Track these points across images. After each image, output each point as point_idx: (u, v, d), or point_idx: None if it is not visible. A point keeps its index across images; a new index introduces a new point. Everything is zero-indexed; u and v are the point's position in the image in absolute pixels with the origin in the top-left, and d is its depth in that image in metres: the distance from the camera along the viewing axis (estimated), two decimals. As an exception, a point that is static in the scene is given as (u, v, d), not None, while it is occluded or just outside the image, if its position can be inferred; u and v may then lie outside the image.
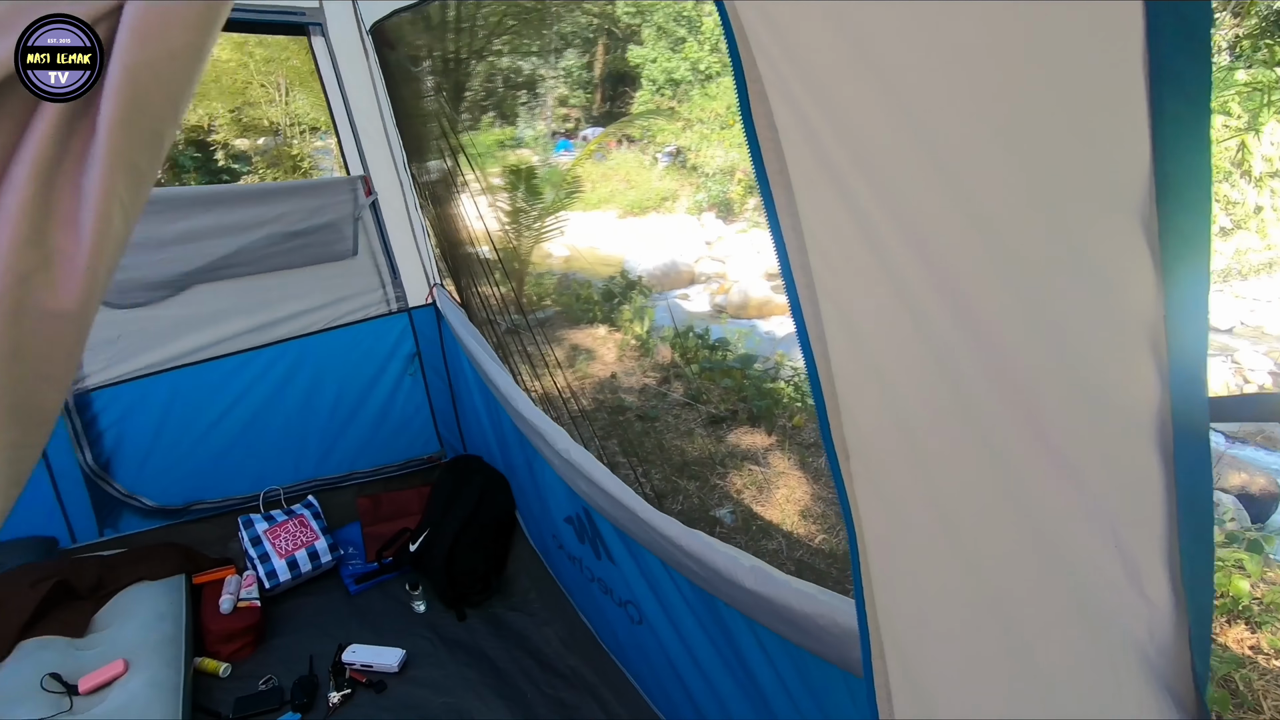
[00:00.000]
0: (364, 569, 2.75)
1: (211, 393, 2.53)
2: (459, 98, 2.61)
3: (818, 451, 3.80)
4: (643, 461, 3.55)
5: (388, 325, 2.81)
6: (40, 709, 1.86)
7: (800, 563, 2.83)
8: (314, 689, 2.21)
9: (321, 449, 2.84)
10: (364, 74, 2.42)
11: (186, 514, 2.63)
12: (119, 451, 2.46)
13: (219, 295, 2.46)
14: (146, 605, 2.24)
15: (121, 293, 2.29)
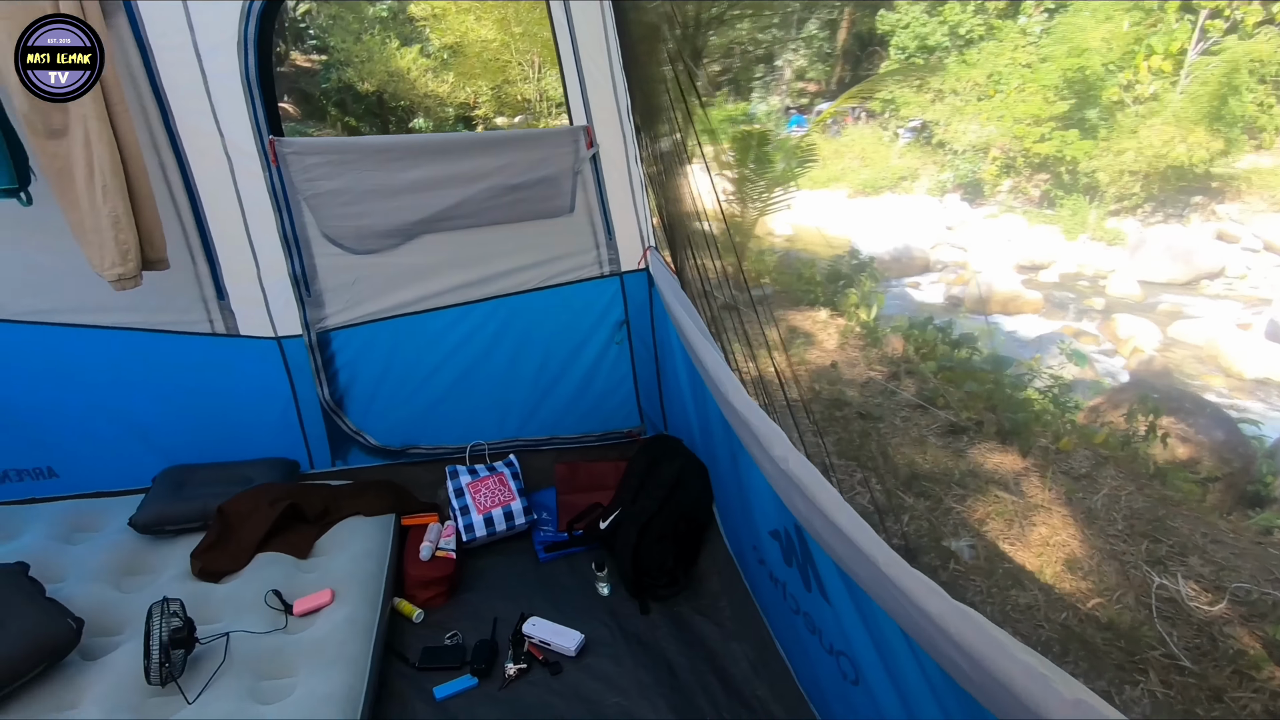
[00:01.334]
0: (554, 538, 2.67)
1: (430, 343, 2.58)
2: (695, 62, 2.34)
3: (1092, 485, 3.02)
4: (862, 467, 3.07)
5: (598, 289, 2.67)
6: (262, 622, 1.99)
7: (1065, 629, 2.21)
8: (493, 656, 2.15)
9: (525, 410, 2.80)
10: (596, 16, 2.24)
11: (403, 456, 2.74)
12: (351, 390, 2.61)
13: (440, 247, 2.48)
14: (358, 540, 2.34)
15: (359, 239, 2.38)
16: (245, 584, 2.12)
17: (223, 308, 2.38)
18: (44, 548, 2.16)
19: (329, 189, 2.27)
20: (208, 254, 2.30)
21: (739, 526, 2.04)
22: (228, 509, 2.28)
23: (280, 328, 2.44)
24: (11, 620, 1.77)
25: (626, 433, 2.96)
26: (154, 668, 1.73)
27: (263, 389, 2.50)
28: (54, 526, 2.27)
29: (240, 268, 2.34)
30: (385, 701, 1.99)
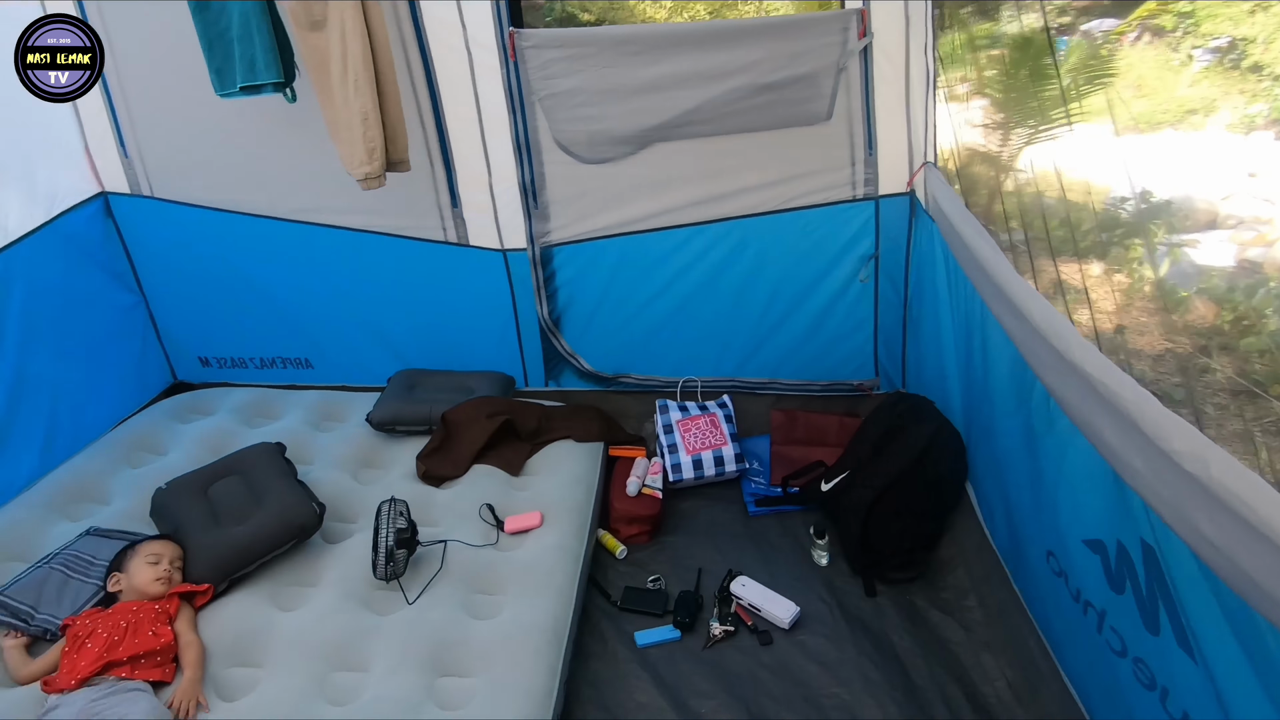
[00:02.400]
0: (766, 491, 2.41)
1: (654, 265, 2.38)
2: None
3: None
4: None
5: (848, 215, 2.27)
6: (476, 534, 1.98)
7: None
8: (697, 610, 1.98)
9: (746, 348, 2.53)
10: None
11: (614, 383, 2.62)
12: (569, 310, 2.50)
13: (675, 158, 2.22)
14: (568, 465, 2.26)
15: (591, 145, 2.20)
16: (462, 493, 2.13)
17: (455, 216, 2.35)
18: (298, 432, 2.34)
19: (564, 88, 2.09)
20: (445, 159, 2.26)
21: (1021, 519, 1.62)
22: (450, 417, 2.30)
23: (507, 240, 2.37)
24: (271, 497, 1.90)
25: (856, 385, 2.57)
26: (380, 564, 1.77)
27: (487, 302, 2.48)
28: (307, 413, 2.46)
29: (473, 174, 2.27)
30: (586, 635, 1.91)
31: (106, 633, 1.53)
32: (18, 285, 2.08)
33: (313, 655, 1.61)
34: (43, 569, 1.72)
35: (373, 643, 1.65)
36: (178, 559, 1.74)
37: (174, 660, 1.57)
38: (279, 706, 1.49)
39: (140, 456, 2.24)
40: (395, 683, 1.55)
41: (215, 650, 1.61)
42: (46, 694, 1.46)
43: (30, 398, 2.12)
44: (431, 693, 1.55)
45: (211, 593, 1.72)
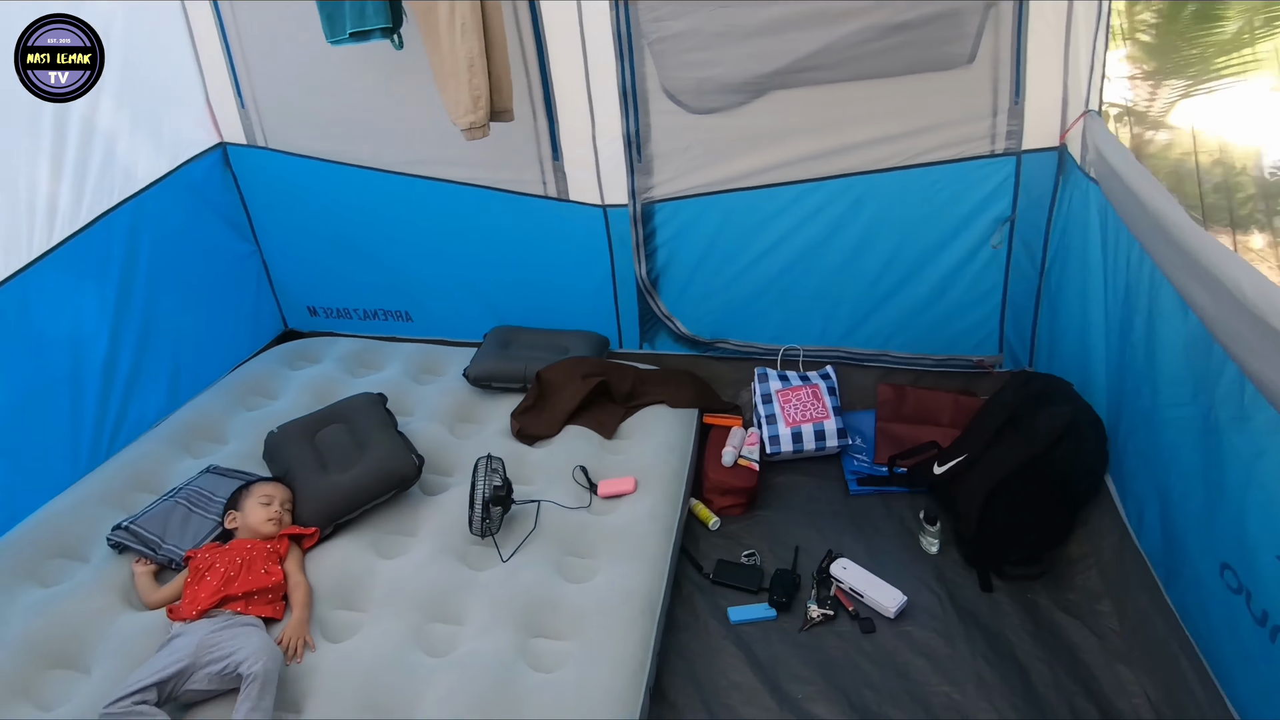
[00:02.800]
0: (870, 470, 2.27)
1: (760, 224, 2.23)
2: None
3: None
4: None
5: (983, 172, 2.04)
6: (569, 496, 1.95)
7: None
8: (794, 589, 1.88)
9: (854, 317, 2.36)
10: None
11: (710, 349, 2.52)
12: (668, 270, 2.40)
13: (790, 108, 2.05)
14: (662, 430, 2.19)
15: (700, 94, 2.06)
16: (555, 453, 2.10)
17: (556, 169, 2.28)
18: (398, 383, 2.37)
19: (675, 31, 1.96)
20: (548, 109, 2.18)
21: (1186, 523, 1.42)
22: (545, 376, 2.27)
23: (608, 195, 2.28)
24: (372, 447, 1.92)
25: (977, 361, 2.36)
26: (475, 520, 1.76)
27: (585, 259, 2.41)
28: (407, 365, 2.49)
29: (576, 125, 2.19)
30: (677, 606, 1.85)
31: (224, 567, 1.59)
32: (145, 232, 2.17)
33: (411, 605, 1.63)
34: (168, 502, 1.82)
35: (467, 597, 1.66)
36: (288, 501, 1.79)
37: (284, 599, 1.62)
38: (380, 652, 1.52)
39: (254, 400, 2.33)
40: (489, 639, 1.55)
41: (321, 592, 1.66)
42: (171, 620, 1.54)
43: (157, 340, 2.23)
44: (524, 653, 1.54)
45: (318, 536, 1.77)
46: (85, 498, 1.88)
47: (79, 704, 1.42)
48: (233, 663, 1.39)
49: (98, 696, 1.40)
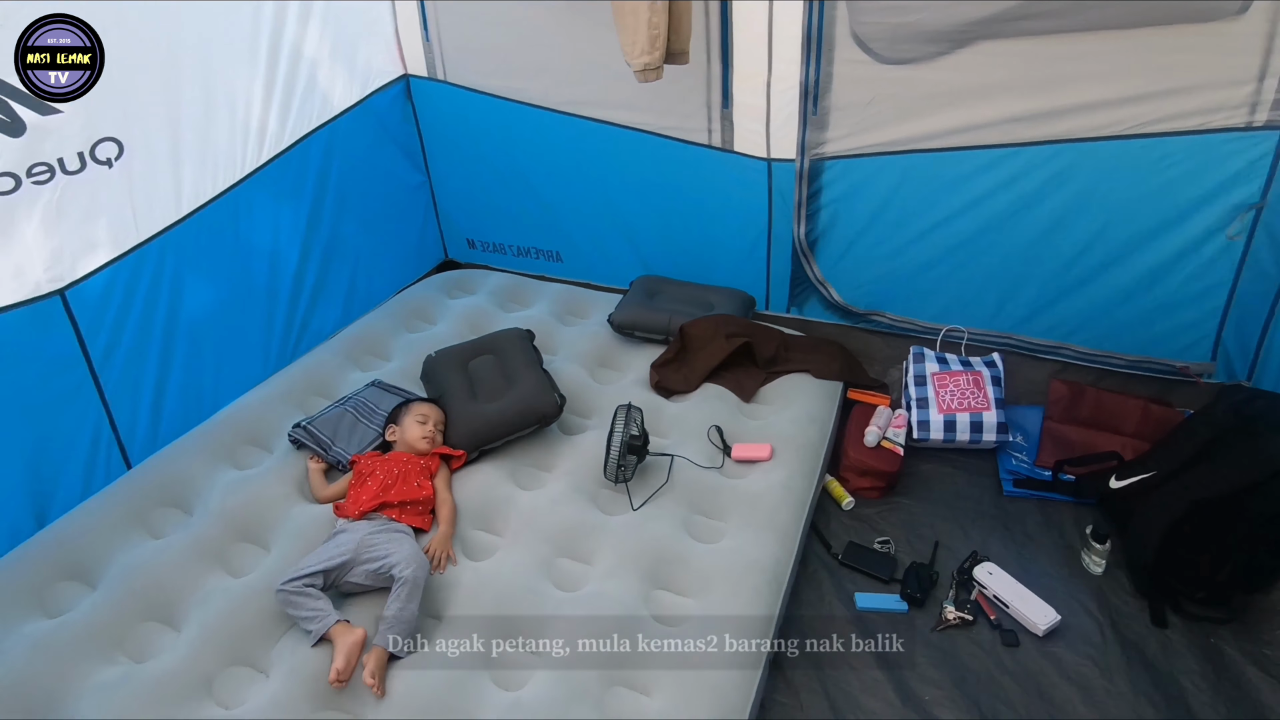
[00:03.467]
0: (1030, 472, 2.07)
1: (942, 191, 2.04)
2: None
3: None
4: None
5: (1231, 147, 1.72)
6: (702, 455, 1.93)
7: None
8: (930, 586, 1.77)
9: (1036, 303, 2.12)
10: None
11: (864, 320, 2.37)
12: (828, 234, 2.27)
13: (998, 61, 1.82)
14: (803, 400, 2.11)
15: (894, 41, 1.87)
16: (692, 410, 2.08)
17: (724, 117, 2.19)
18: (545, 322, 2.43)
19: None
20: (724, 53, 2.08)
21: None
22: (688, 331, 2.24)
23: (774, 148, 2.17)
24: (520, 381, 1.99)
25: (1180, 368, 2.06)
26: (611, 465, 1.79)
27: (741, 214, 2.32)
28: (554, 305, 2.55)
29: (751, 72, 2.07)
30: (802, 581, 1.80)
31: (383, 475, 1.73)
32: (336, 157, 2.33)
33: (543, 537, 1.69)
34: (339, 409, 1.98)
35: (597, 539, 1.70)
36: (441, 422, 1.90)
37: (431, 512, 1.74)
38: (513, 577, 1.59)
39: (415, 323, 2.48)
40: (615, 583, 1.58)
41: (464, 512, 1.76)
42: (336, 517, 1.69)
43: (338, 258, 2.42)
44: (647, 602, 1.56)
45: (465, 459, 1.87)
46: (271, 395, 2.09)
47: (259, 575, 1.61)
48: (387, 564, 1.51)
49: (274, 572, 1.58)
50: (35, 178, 1.54)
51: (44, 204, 1.57)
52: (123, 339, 1.82)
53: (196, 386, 2.03)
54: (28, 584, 1.55)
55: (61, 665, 1.40)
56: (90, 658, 1.43)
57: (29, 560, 1.61)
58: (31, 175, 1.53)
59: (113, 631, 1.48)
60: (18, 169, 1.51)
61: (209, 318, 2.03)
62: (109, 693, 1.37)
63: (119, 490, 1.78)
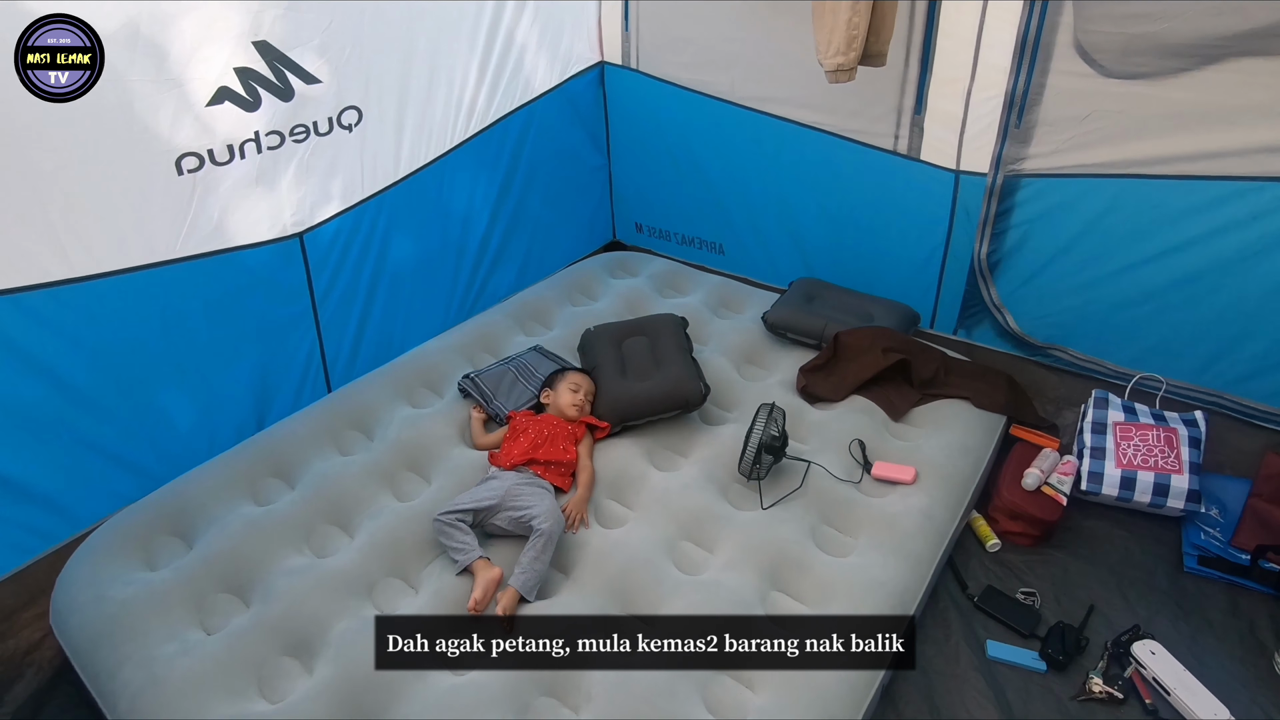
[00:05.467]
0: (1222, 551, 1.82)
1: (1160, 222, 1.82)
2: None
3: None
4: None
5: None
6: (840, 466, 1.89)
7: None
8: (1076, 651, 1.63)
9: (1262, 361, 1.85)
10: None
11: (1041, 353, 2.19)
12: (1014, 256, 2.11)
13: (1255, 81, 1.59)
14: (958, 429, 2.00)
15: (1126, 54, 1.69)
16: (836, 419, 2.04)
17: (914, 123, 2.10)
18: (699, 311, 2.48)
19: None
20: (925, 55, 1.99)
21: None
22: (843, 339, 2.19)
23: (965, 160, 2.05)
24: (668, 365, 2.06)
25: None
26: (746, 462, 1.80)
27: (918, 225, 2.22)
28: (709, 296, 2.58)
29: (952, 77, 1.97)
30: (929, 617, 1.72)
31: (534, 433, 1.87)
32: (531, 135, 2.52)
33: (671, 517, 1.75)
34: (502, 367, 2.16)
35: (722, 530, 1.73)
36: (591, 393, 2.01)
37: (572, 475, 1.85)
38: (639, 550, 1.66)
39: (578, 298, 2.63)
40: (734, 575, 1.60)
41: (601, 480, 1.86)
42: (490, 465, 1.86)
43: (521, 227, 2.61)
44: (764, 601, 1.57)
45: (608, 431, 1.97)
46: (448, 346, 2.32)
47: (420, 503, 1.81)
48: (528, 515, 1.64)
49: (433, 502, 1.76)
50: (295, 136, 1.83)
51: (299, 159, 1.85)
52: (340, 279, 2.10)
53: (389, 328, 2.29)
54: (245, 476, 1.85)
55: (264, 546, 1.67)
56: (284, 545, 1.68)
57: (247, 457, 1.91)
58: (293, 134, 1.82)
59: (302, 527, 1.73)
60: (283, 128, 1.80)
61: (408, 269, 2.29)
62: (294, 577, 1.61)
63: (320, 409, 2.06)
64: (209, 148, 1.69)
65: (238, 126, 1.71)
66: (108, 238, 1.62)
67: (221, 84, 1.64)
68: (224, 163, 1.72)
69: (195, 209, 1.72)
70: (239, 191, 1.78)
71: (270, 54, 1.70)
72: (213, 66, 1.62)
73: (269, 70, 1.71)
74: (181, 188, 1.68)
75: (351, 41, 1.86)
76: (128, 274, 1.67)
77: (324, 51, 1.78)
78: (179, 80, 1.58)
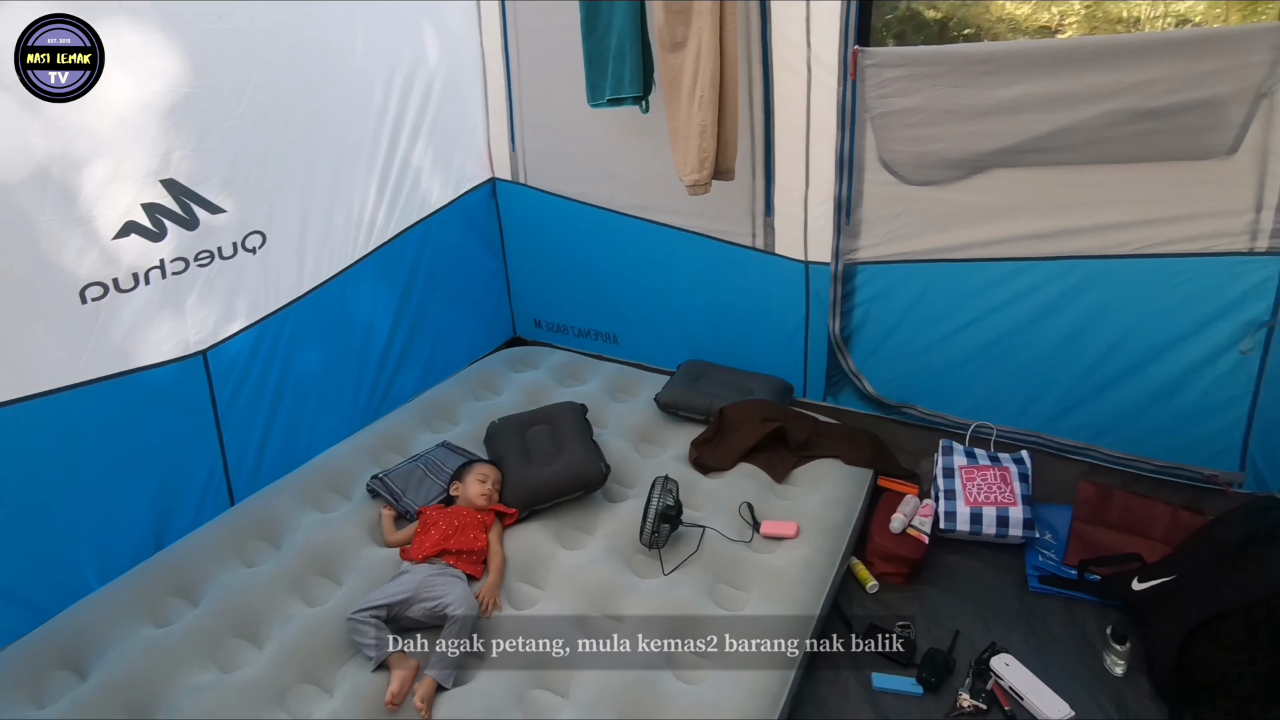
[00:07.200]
0: (1057, 569, 2.12)
1: (965, 298, 2.21)
2: None
3: None
4: None
5: (1238, 270, 1.85)
6: (731, 528, 2.08)
7: None
8: (946, 673, 1.84)
9: (1061, 404, 2.23)
10: None
11: (896, 412, 2.51)
12: (861, 330, 2.46)
13: (1014, 186, 2.03)
14: (832, 484, 2.24)
15: (917, 167, 2.11)
16: (726, 486, 2.25)
17: (766, 224, 2.45)
18: (597, 398, 2.67)
19: (900, 107, 2.04)
20: (767, 170, 2.37)
21: None
22: (728, 413, 2.43)
23: (811, 252, 2.41)
24: (569, 450, 2.22)
25: (1209, 476, 2.10)
26: (646, 531, 1.96)
27: (781, 308, 2.55)
28: (606, 383, 2.79)
29: (791, 186, 2.35)
30: (820, 659, 1.89)
31: (445, 524, 1.95)
32: (429, 246, 2.71)
33: (580, 592, 1.86)
34: (411, 465, 2.25)
35: (628, 597, 1.85)
36: (498, 482, 2.13)
37: (484, 563, 1.94)
38: (551, 625, 1.76)
39: (482, 393, 2.77)
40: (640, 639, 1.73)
41: (513, 564, 1.96)
42: (402, 559, 1.92)
43: (423, 331, 2.76)
44: (670, 660, 1.70)
45: (517, 517, 2.09)
46: (355, 449, 2.38)
47: (332, 605, 1.83)
48: (442, 603, 1.71)
49: (344, 604, 1.80)
50: (200, 261, 1.93)
51: (203, 282, 1.95)
52: (243, 392, 2.16)
53: (295, 437, 2.34)
54: (144, 598, 1.82)
55: (165, 668, 1.65)
56: (188, 663, 1.67)
57: (146, 578, 1.88)
58: (198, 260, 1.93)
59: (207, 643, 1.72)
60: (188, 254, 1.90)
61: (312, 378, 2.37)
62: (201, 695, 1.59)
63: (223, 523, 2.07)
64: (114, 276, 1.76)
65: (143, 256, 1.81)
66: (5, 368, 1.64)
67: (129, 219, 1.75)
68: (128, 289, 1.80)
69: (98, 335, 1.77)
70: (142, 315, 1.85)
71: (177, 190, 1.82)
72: (120, 204, 1.72)
73: (175, 204, 1.83)
74: (85, 315, 1.74)
75: (255, 173, 2.02)
76: (24, 402, 1.68)
77: (228, 185, 1.93)
78: (86, 218, 1.67)
